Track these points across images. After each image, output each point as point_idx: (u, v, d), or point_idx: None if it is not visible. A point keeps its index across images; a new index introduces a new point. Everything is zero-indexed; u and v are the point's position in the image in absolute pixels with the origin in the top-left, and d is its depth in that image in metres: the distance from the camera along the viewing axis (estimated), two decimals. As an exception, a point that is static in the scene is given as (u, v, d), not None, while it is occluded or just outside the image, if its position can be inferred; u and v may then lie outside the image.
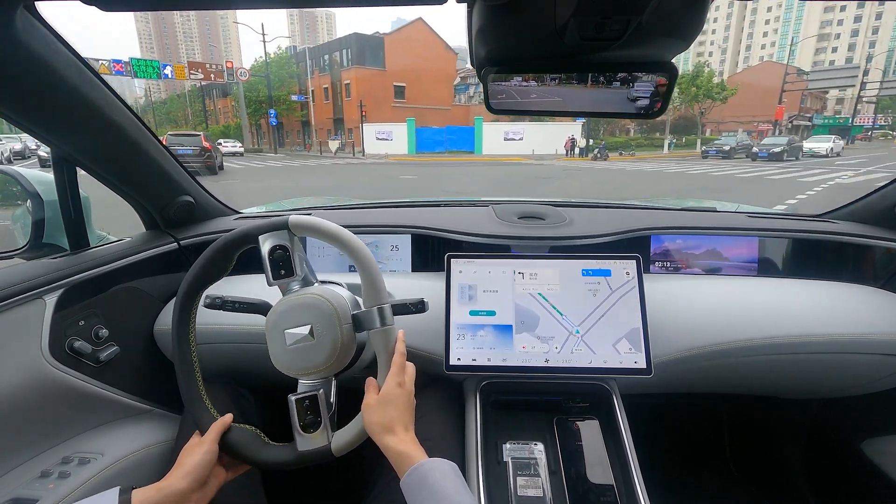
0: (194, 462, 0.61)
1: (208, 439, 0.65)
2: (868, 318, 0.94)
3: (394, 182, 12.23)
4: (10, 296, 0.74)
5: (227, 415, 0.69)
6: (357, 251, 0.66)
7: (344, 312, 0.67)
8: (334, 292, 0.69)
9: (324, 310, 0.66)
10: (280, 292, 0.73)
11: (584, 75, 0.55)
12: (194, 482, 0.60)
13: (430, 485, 0.55)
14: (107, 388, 0.87)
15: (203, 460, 0.62)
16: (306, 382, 0.70)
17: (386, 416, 0.63)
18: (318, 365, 0.66)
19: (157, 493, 0.57)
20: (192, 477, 0.60)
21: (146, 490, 0.56)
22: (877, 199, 1.17)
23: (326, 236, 0.67)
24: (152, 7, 0.50)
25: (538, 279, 0.93)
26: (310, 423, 0.66)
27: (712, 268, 1.14)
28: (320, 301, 0.66)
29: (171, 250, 1.07)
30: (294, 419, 0.66)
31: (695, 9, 0.42)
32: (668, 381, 0.98)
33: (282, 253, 0.67)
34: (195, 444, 0.65)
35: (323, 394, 0.67)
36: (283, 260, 0.68)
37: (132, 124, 0.88)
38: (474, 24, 0.48)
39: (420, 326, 0.92)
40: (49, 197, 0.92)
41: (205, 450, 0.63)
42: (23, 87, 0.68)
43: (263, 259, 0.68)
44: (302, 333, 0.66)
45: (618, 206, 1.37)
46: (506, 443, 0.83)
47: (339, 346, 0.66)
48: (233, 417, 0.69)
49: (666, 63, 0.51)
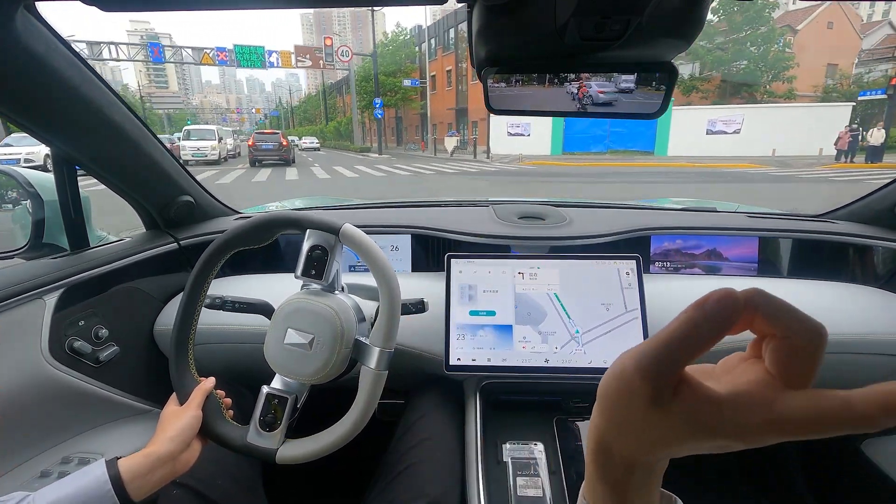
0: (180, 425, 0.61)
1: (193, 403, 0.65)
2: (868, 318, 0.94)
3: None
4: (10, 296, 0.74)
5: (210, 378, 0.69)
6: (389, 285, 0.65)
7: (349, 336, 0.66)
8: (347, 311, 0.68)
9: (331, 327, 0.65)
10: (297, 286, 0.73)
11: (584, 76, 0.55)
12: (181, 444, 0.60)
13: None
14: (107, 388, 0.87)
15: (188, 424, 0.62)
16: (285, 380, 0.69)
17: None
18: (303, 374, 0.66)
19: (145, 458, 0.56)
20: (180, 439, 0.60)
21: (134, 457, 0.56)
22: (877, 199, 1.17)
23: (368, 259, 0.66)
24: (152, 7, 0.50)
25: (538, 279, 0.93)
26: (269, 421, 0.65)
27: (712, 268, 1.14)
28: (332, 317, 0.66)
29: (171, 250, 1.07)
30: (257, 410, 0.66)
31: (695, 8, 0.42)
32: None
33: (320, 254, 0.67)
34: (177, 409, 0.65)
35: (294, 399, 0.67)
36: (319, 261, 0.67)
37: (132, 124, 0.88)
38: (474, 24, 0.48)
39: (420, 326, 0.92)
40: (49, 197, 0.92)
41: (190, 414, 0.63)
42: (23, 87, 0.68)
43: (301, 252, 0.68)
44: (302, 341, 0.65)
45: (618, 206, 1.37)
46: (506, 443, 0.83)
47: (330, 365, 0.65)
48: (215, 382, 0.69)
49: (666, 63, 0.51)
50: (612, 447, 0.25)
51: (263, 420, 0.66)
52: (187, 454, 0.61)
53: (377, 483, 0.78)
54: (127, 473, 0.54)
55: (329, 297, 0.69)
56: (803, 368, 0.20)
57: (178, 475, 0.60)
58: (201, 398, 0.66)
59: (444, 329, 0.91)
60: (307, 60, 23.16)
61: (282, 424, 0.65)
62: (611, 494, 0.26)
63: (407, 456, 0.78)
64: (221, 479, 0.77)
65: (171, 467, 0.59)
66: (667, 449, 0.23)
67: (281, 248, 1.19)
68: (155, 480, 0.56)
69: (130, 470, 0.54)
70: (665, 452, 0.23)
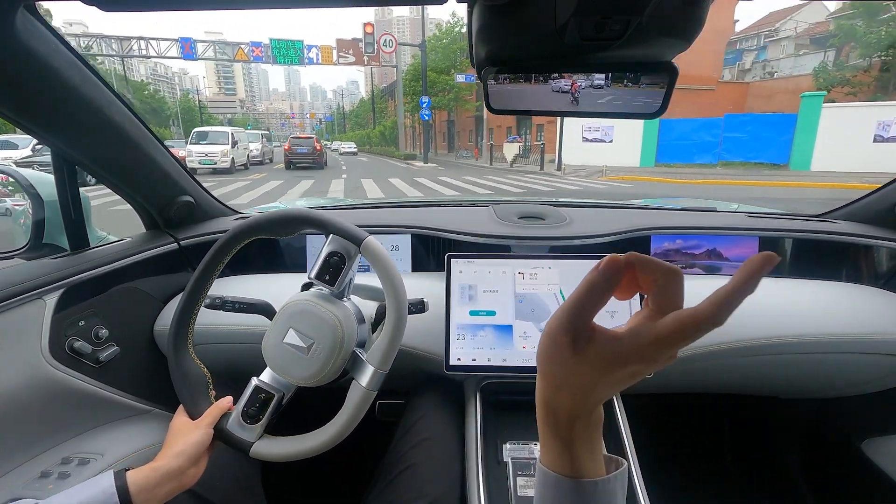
0: (190, 442, 0.61)
1: (205, 423, 0.64)
2: (868, 318, 0.94)
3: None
4: (10, 296, 0.74)
5: (227, 398, 0.68)
6: (399, 310, 0.65)
7: (347, 347, 0.66)
8: (350, 321, 0.68)
9: (332, 336, 0.65)
10: (297, 286, 0.73)
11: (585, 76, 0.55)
12: (189, 461, 0.60)
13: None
14: (107, 389, 0.87)
15: (198, 441, 0.62)
16: (275, 377, 0.69)
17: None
18: (295, 376, 0.66)
19: (153, 472, 0.56)
20: (186, 456, 0.60)
21: (141, 470, 0.56)
22: (877, 199, 1.17)
23: (384, 277, 0.66)
24: (153, 7, 0.50)
25: (538, 279, 0.93)
26: (252, 413, 0.66)
27: (712, 268, 1.14)
28: (335, 327, 0.66)
29: (171, 250, 1.07)
30: (242, 400, 0.66)
31: (695, 8, 0.42)
32: (668, 381, 0.98)
33: (337, 262, 0.67)
34: (188, 424, 0.64)
35: (280, 397, 0.67)
36: (335, 268, 0.67)
37: (132, 124, 0.88)
38: (474, 24, 0.48)
39: (420, 326, 0.92)
40: (49, 197, 0.92)
41: (202, 431, 0.63)
42: (23, 87, 0.68)
43: (319, 254, 0.68)
44: (301, 344, 0.65)
45: (618, 206, 1.37)
46: (506, 443, 0.83)
47: (323, 373, 0.65)
48: (232, 401, 0.68)
49: (667, 63, 0.51)
50: (554, 406, 0.31)
51: (247, 412, 0.66)
52: (194, 469, 0.61)
53: (377, 483, 0.78)
54: (134, 486, 0.54)
55: (336, 305, 0.68)
56: (669, 298, 0.28)
57: (184, 489, 0.60)
58: (214, 418, 0.65)
59: (444, 329, 0.91)
60: (349, 56, 21.17)
61: (263, 419, 0.65)
62: (562, 449, 0.32)
63: (407, 456, 0.78)
64: (220, 481, 0.77)
65: (178, 482, 0.59)
66: (594, 393, 0.30)
67: (281, 249, 1.19)
68: (161, 495, 0.57)
69: (137, 483, 0.54)
70: (594, 398, 0.30)
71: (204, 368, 0.70)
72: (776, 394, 1.16)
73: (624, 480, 0.33)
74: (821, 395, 1.17)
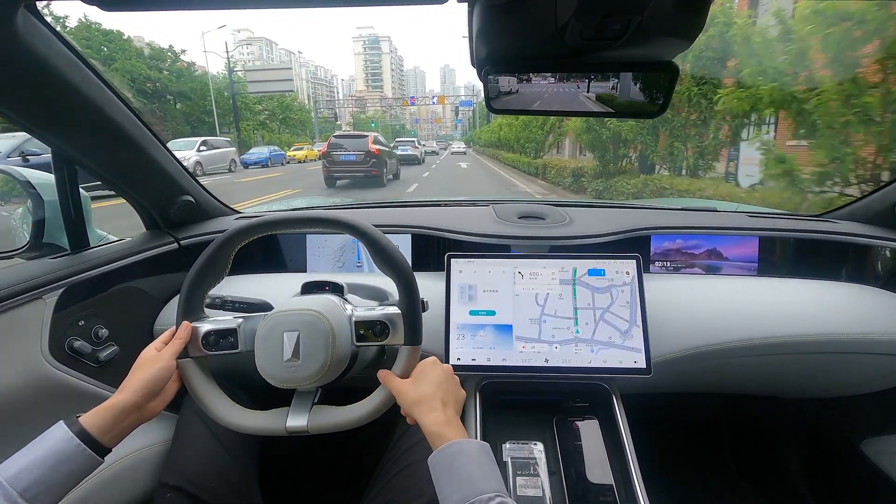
0: (147, 375, 0.61)
1: (167, 354, 0.64)
2: (868, 318, 0.94)
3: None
4: (10, 296, 0.74)
5: (185, 324, 0.67)
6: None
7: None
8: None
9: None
10: (297, 287, 0.76)
11: (585, 75, 0.55)
12: (145, 396, 0.60)
13: (455, 467, 0.54)
14: (107, 388, 0.87)
15: (156, 375, 0.62)
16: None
17: (420, 391, 0.64)
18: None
19: (109, 410, 0.57)
20: (144, 391, 0.60)
21: (96, 412, 0.57)
22: (877, 199, 1.17)
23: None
24: (153, 7, 0.50)
25: (538, 279, 0.93)
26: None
27: (712, 267, 1.14)
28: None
29: (171, 250, 1.07)
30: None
31: (695, 8, 0.42)
32: (668, 381, 0.98)
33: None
34: (151, 358, 0.64)
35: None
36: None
37: (132, 124, 0.88)
38: (474, 24, 0.48)
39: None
40: (49, 197, 0.92)
41: (160, 366, 0.63)
42: (23, 86, 0.68)
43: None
44: (288, 356, 0.63)
45: (618, 206, 1.37)
46: (506, 443, 0.83)
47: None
48: (191, 329, 0.67)
49: (667, 62, 0.51)
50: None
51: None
52: (155, 402, 0.62)
53: (376, 482, 0.78)
54: (94, 428, 0.55)
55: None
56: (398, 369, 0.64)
57: (147, 420, 0.61)
58: (178, 348, 0.65)
59: (444, 329, 0.91)
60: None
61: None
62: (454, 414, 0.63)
63: (406, 455, 0.78)
64: (216, 483, 0.77)
65: (139, 414, 0.60)
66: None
67: (281, 249, 1.19)
68: (125, 428, 0.58)
69: (96, 425, 0.56)
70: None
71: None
72: (776, 394, 1.16)
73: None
74: (821, 395, 1.17)
